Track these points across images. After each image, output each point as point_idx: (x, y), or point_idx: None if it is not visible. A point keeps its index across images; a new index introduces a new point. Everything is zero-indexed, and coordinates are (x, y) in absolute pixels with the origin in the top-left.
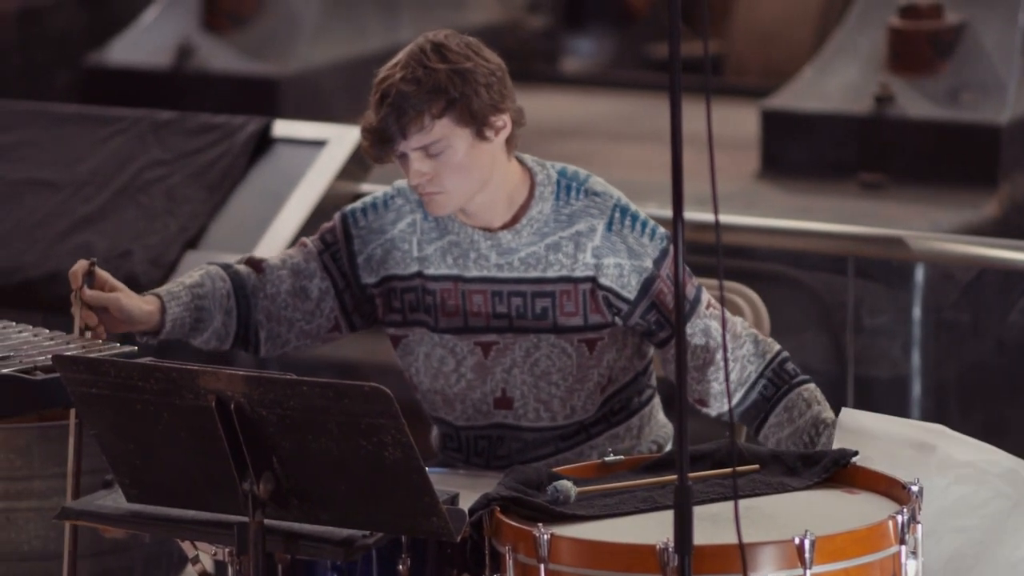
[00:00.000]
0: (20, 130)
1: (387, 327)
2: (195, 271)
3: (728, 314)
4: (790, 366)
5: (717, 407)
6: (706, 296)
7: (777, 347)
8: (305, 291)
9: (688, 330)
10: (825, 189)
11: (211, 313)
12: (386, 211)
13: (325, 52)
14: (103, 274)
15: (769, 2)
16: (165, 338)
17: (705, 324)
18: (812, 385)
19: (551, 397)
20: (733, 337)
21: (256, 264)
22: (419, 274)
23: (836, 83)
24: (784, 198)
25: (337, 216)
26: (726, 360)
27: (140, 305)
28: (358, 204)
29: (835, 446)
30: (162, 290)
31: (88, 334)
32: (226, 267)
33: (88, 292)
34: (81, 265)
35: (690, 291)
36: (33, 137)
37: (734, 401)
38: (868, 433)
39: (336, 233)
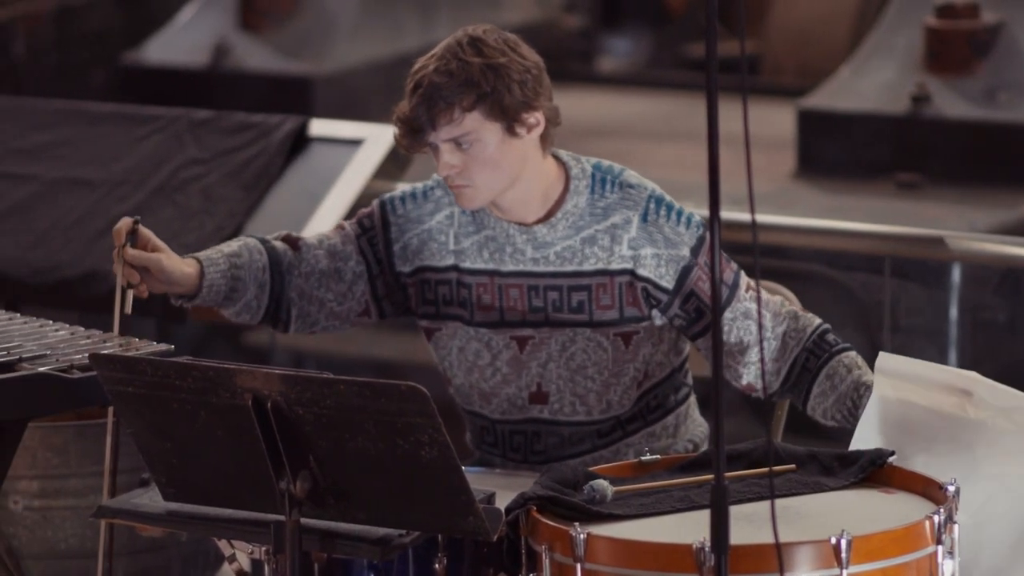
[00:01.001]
0: (57, 129)
1: (420, 319)
2: (233, 241)
3: (767, 295)
4: (831, 336)
5: (762, 392)
6: (745, 279)
7: (817, 320)
8: (339, 273)
9: (729, 314)
10: (861, 189)
11: (246, 284)
12: (425, 201)
13: (361, 51)
14: (146, 233)
15: (806, 2)
16: (199, 303)
17: (746, 308)
18: (853, 353)
19: (587, 391)
20: (773, 316)
21: (293, 242)
22: (455, 267)
23: (872, 83)
24: (820, 198)
25: (376, 203)
26: (762, 350)
27: (181, 267)
28: (397, 192)
29: (875, 390)
30: (202, 255)
31: (130, 292)
32: (263, 241)
33: (130, 250)
34: (125, 223)
35: (728, 276)
36: (70, 136)
37: (779, 379)
38: (907, 377)
39: (374, 219)
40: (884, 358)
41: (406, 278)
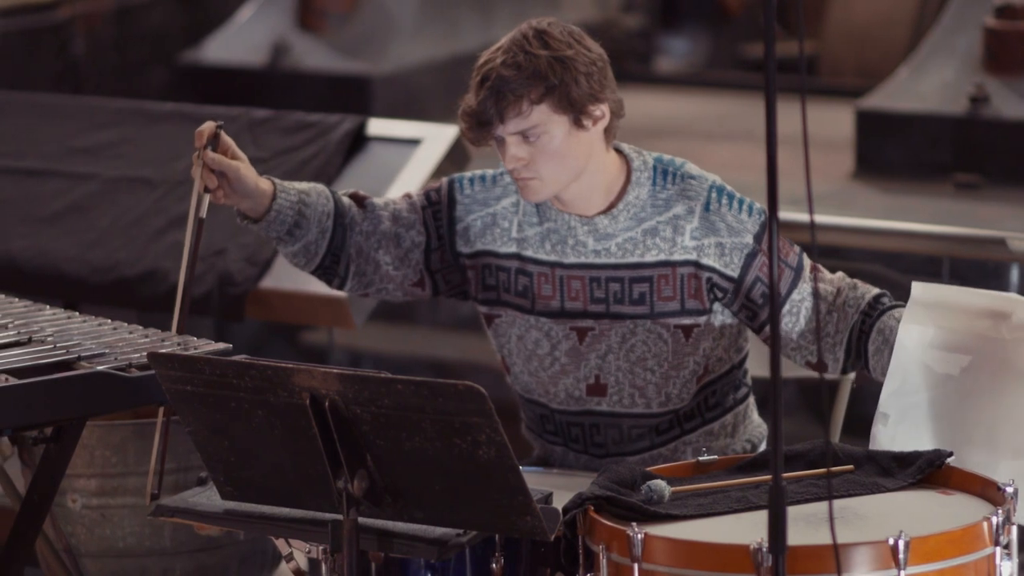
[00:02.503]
0: (116, 128)
1: (480, 305)
2: (303, 183)
3: (827, 272)
4: (885, 299)
5: (832, 368)
6: (808, 260)
7: (875, 289)
8: (398, 238)
9: (796, 296)
10: (920, 190)
11: (309, 224)
12: (493, 186)
13: (420, 51)
14: (228, 140)
15: (864, 2)
16: (262, 230)
17: (812, 288)
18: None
19: (646, 383)
20: (836, 291)
21: (359, 199)
22: (517, 255)
23: (931, 83)
24: (879, 198)
25: (444, 180)
26: (819, 336)
27: (256, 181)
28: (467, 173)
29: (905, 319)
30: (275, 179)
31: (207, 196)
32: (332, 192)
33: (210, 154)
34: (208, 126)
35: (792, 259)
36: (129, 135)
37: (842, 348)
38: (942, 304)
39: (441, 194)
40: (918, 287)
41: (465, 259)
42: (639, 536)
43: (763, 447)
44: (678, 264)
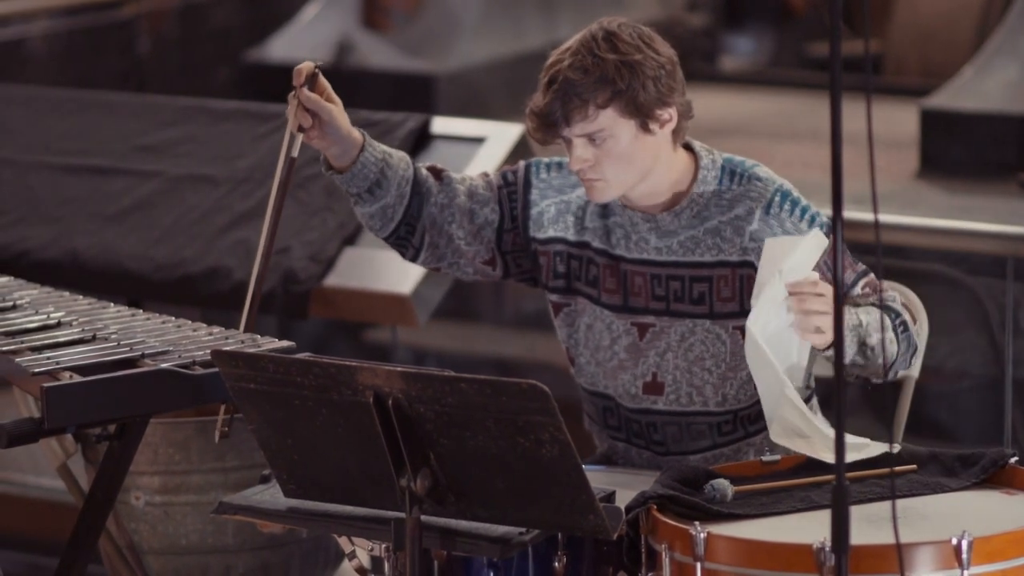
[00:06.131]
0: (180, 126)
1: (550, 293)
2: (386, 146)
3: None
4: (895, 305)
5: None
6: (864, 281)
7: (895, 305)
8: (472, 214)
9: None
10: (985, 189)
11: (389, 185)
12: (570, 174)
13: (484, 49)
14: (324, 83)
15: (929, 1)
16: (345, 182)
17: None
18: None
19: (704, 383)
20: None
21: (436, 172)
22: (587, 245)
23: (996, 82)
24: (943, 198)
25: (522, 163)
26: (885, 353)
27: (348, 127)
28: (544, 159)
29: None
30: (365, 132)
31: (299, 136)
32: (411, 160)
33: (307, 92)
34: (307, 65)
35: (849, 276)
36: (193, 133)
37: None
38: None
39: (517, 176)
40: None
41: (537, 244)
42: (702, 535)
43: None
44: (737, 265)
